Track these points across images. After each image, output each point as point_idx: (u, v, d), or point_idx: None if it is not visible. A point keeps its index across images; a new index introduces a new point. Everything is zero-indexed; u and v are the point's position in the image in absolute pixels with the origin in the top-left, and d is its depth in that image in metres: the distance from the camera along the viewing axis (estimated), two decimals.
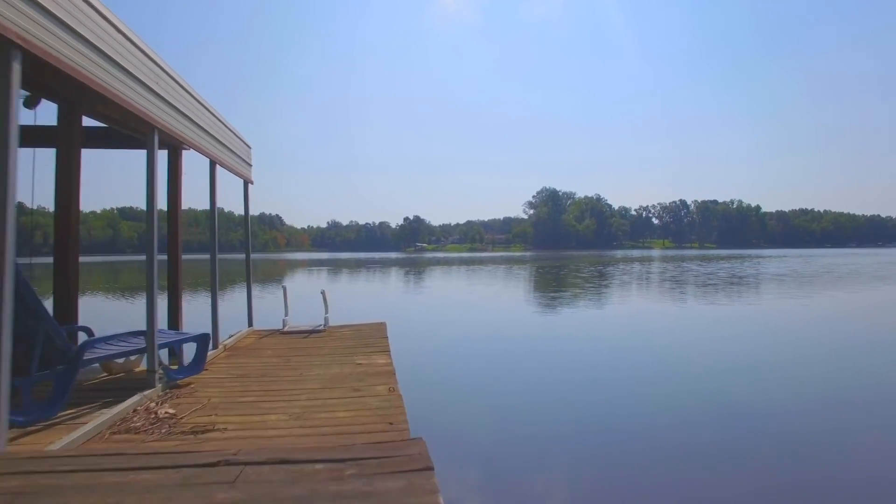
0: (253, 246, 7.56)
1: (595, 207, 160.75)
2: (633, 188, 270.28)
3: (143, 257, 3.73)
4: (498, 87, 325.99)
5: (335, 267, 50.21)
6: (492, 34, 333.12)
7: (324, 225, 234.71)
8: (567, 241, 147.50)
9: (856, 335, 10.70)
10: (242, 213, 6.75)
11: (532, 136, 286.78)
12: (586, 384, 6.78)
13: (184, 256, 5.73)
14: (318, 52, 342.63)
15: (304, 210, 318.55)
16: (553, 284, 25.69)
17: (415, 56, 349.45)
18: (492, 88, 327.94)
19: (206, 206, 5.28)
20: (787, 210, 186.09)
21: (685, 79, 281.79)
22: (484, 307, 16.45)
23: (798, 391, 6.46)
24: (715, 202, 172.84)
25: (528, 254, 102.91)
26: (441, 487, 1.46)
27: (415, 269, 44.06)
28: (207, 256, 5.43)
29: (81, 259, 4.69)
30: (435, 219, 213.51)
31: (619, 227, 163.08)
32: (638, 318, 13.46)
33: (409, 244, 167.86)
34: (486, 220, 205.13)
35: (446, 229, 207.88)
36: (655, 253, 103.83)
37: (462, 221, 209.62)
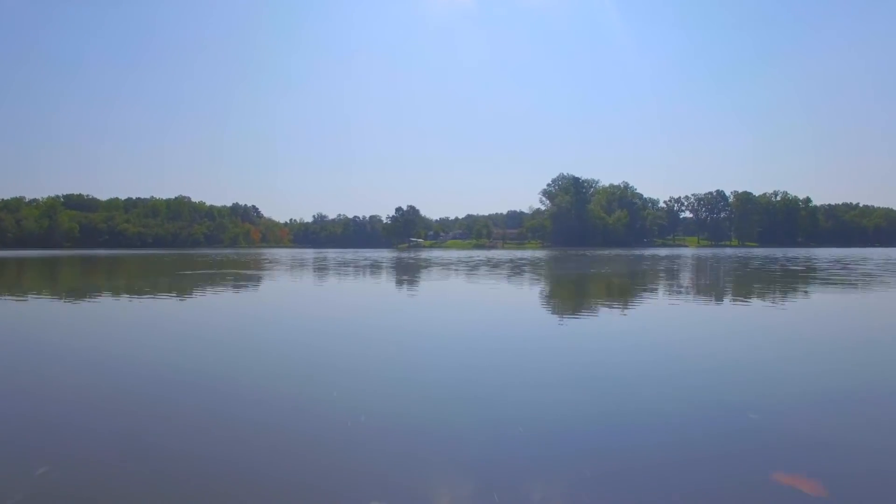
0: (221, 240, 0.50)
1: (624, 197, 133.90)
2: (641, 182, 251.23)
3: (83, 251, 0.62)
4: (494, 78, 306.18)
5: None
6: (487, 23, 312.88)
7: (309, 219, 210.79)
8: (593, 237, 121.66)
9: None
10: (209, 202, 0.56)
11: (530, 128, 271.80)
12: None
13: (140, 252, 0.60)
14: (311, 43, 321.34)
15: (290, 203, 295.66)
16: None
17: (409, 46, 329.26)
18: (488, 80, 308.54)
19: (171, 195, 0.58)
20: (835, 203, 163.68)
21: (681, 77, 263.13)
22: None
23: None
24: (750, 194, 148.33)
25: (543, 252, 79.01)
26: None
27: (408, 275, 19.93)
28: (169, 252, 0.62)
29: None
30: (432, 213, 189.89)
31: (655, 219, 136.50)
32: None
33: (403, 239, 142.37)
34: (486, 214, 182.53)
35: (445, 223, 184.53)
36: (756, 251, 79.32)
37: (462, 216, 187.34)
